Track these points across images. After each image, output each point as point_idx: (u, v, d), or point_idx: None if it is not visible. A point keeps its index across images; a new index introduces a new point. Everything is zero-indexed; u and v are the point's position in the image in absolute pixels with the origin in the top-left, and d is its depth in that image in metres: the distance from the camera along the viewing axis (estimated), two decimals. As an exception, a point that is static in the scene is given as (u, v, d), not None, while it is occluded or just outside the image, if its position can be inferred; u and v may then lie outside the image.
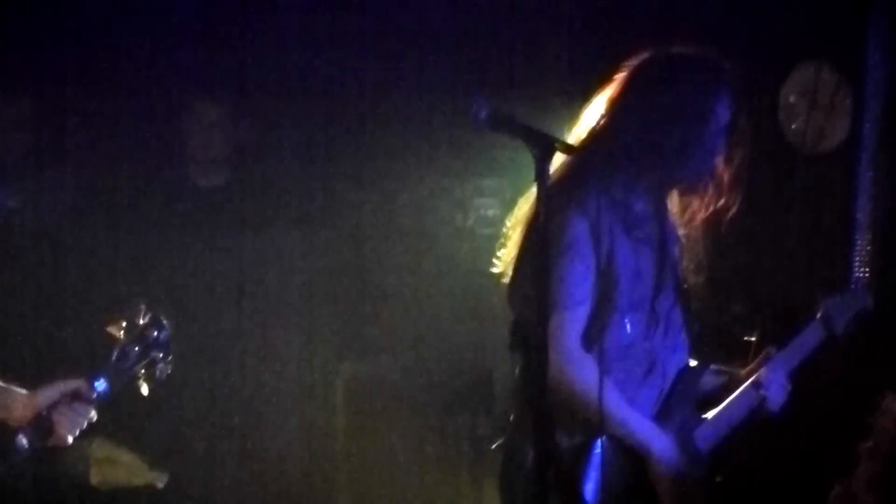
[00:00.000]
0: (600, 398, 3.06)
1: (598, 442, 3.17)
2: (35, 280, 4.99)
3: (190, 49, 5.14)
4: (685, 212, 3.43)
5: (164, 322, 3.19)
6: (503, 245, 3.37)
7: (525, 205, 3.30)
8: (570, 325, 3.17)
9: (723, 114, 3.32)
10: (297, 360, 5.26)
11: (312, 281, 5.29)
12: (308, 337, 5.28)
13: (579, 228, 3.19)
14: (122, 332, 3.13)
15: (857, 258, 3.98)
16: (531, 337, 2.79)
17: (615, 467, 3.19)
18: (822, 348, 3.58)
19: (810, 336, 3.56)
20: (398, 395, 5.26)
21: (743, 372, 3.52)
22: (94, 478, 4.87)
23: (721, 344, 3.81)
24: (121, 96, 5.17)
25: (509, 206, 3.41)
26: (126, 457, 4.91)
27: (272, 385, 5.21)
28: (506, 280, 3.34)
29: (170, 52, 5.14)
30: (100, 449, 4.86)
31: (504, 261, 3.35)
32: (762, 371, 3.45)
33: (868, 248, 3.99)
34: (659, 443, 3.25)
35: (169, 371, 3.19)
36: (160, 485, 4.88)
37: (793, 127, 4.83)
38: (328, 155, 5.35)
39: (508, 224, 3.37)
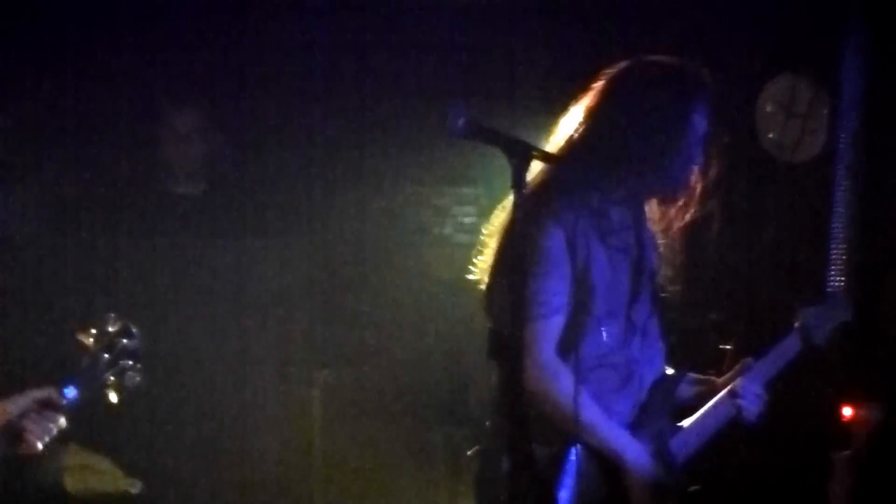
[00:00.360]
0: (575, 407, 3.06)
1: (573, 450, 3.16)
2: (7, 288, 4.95)
3: (167, 57, 5.13)
4: (662, 220, 3.43)
5: (135, 331, 3.18)
6: (480, 253, 3.36)
7: (502, 213, 3.29)
8: (545, 334, 3.17)
9: (700, 123, 3.32)
10: (274, 369, 5.24)
11: (290, 289, 5.28)
12: (285, 345, 5.26)
13: (555, 238, 3.18)
14: (92, 341, 3.12)
15: (833, 267, 3.98)
16: (507, 346, 2.78)
17: (590, 476, 3.19)
18: (801, 358, 3.58)
19: (788, 346, 3.55)
20: (375, 404, 5.25)
21: (720, 381, 3.52)
22: (69, 485, 4.84)
23: (698, 352, 3.81)
24: (97, 104, 5.16)
25: (487, 214, 3.39)
26: (101, 463, 4.89)
27: (249, 393, 5.19)
28: (483, 288, 3.33)
29: (147, 60, 5.13)
30: (74, 456, 4.83)
31: (481, 269, 3.34)
32: (738, 380, 3.45)
33: (844, 257, 4.00)
34: (633, 451, 3.25)
35: (138, 379, 3.18)
36: (135, 492, 4.86)
37: (770, 136, 4.85)
38: (306, 164, 5.35)
39: (486, 232, 3.36)
